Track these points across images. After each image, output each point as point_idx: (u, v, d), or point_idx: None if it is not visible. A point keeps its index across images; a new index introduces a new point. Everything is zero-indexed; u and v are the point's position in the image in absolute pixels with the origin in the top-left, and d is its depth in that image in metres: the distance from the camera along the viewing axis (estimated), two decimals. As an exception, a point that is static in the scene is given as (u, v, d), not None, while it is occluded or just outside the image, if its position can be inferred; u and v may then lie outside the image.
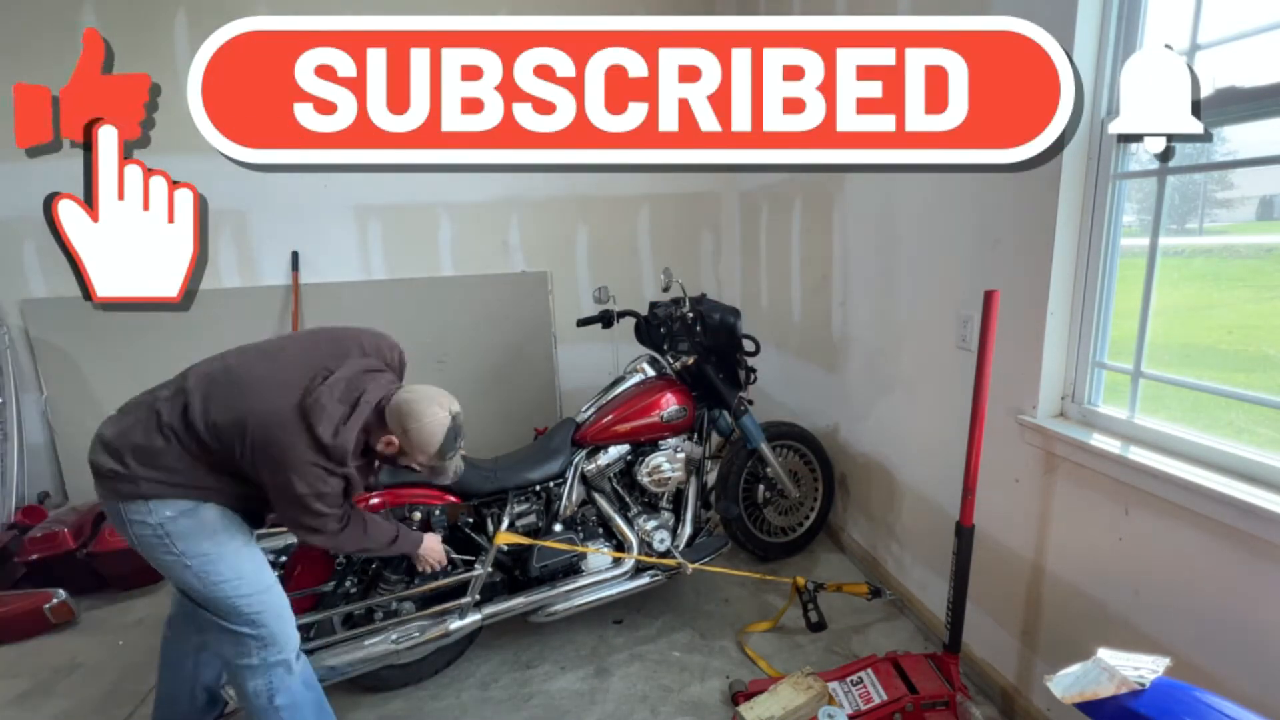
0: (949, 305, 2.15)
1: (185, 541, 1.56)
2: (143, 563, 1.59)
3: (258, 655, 1.67)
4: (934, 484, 2.36)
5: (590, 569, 2.36)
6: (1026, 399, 1.86)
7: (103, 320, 3.45)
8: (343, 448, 1.54)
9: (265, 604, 1.66)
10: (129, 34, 3.21)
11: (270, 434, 1.51)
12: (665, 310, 2.65)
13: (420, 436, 1.62)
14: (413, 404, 1.63)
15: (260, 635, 1.66)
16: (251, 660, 1.67)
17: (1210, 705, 0.99)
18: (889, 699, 1.86)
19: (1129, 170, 1.64)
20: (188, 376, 1.62)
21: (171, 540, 1.56)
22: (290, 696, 1.71)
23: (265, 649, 1.67)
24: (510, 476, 2.27)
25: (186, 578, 1.59)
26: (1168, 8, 1.53)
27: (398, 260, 3.78)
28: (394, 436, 1.63)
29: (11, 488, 3.23)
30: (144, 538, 1.56)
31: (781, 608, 2.55)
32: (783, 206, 3.44)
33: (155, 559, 1.60)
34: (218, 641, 1.70)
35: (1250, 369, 1.54)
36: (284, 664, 1.70)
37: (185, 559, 1.57)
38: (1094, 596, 1.70)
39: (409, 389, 1.68)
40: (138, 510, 1.54)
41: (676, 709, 2.11)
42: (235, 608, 1.62)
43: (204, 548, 1.58)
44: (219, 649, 1.71)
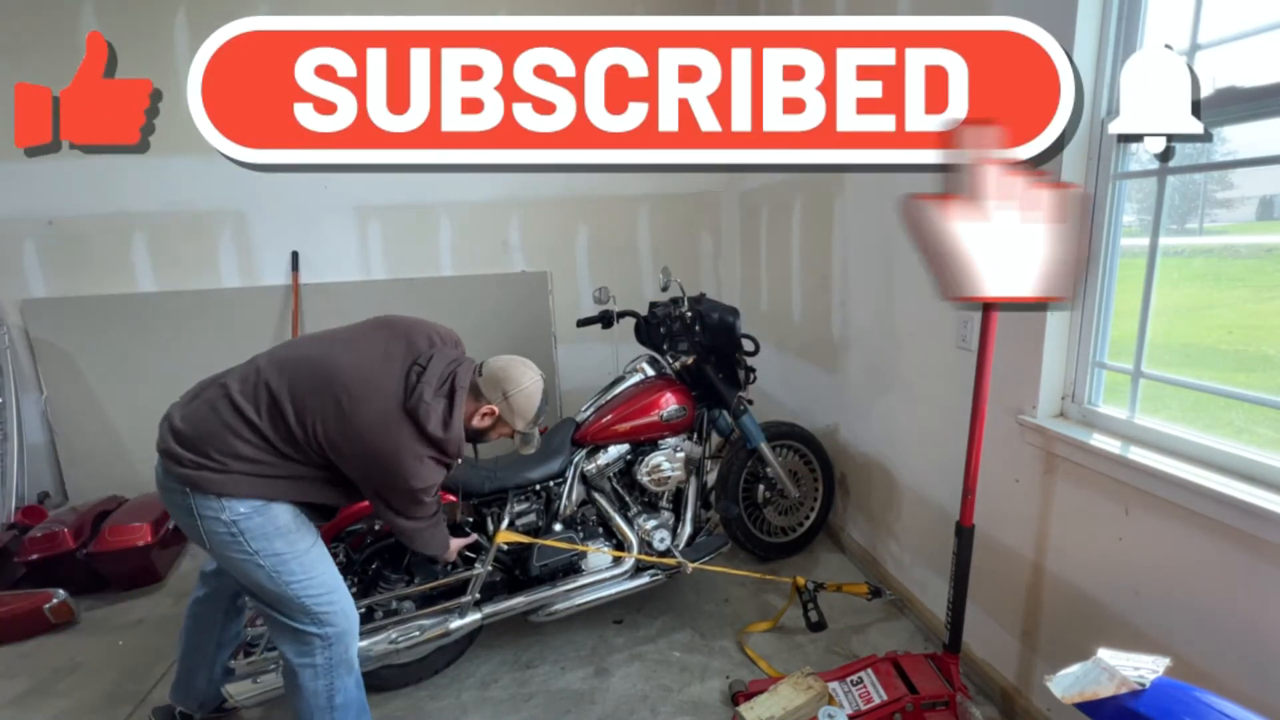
0: (949, 305, 2.15)
1: (259, 540, 1.55)
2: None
3: (322, 654, 1.66)
4: (934, 484, 2.36)
5: (590, 568, 2.36)
6: (1026, 399, 1.86)
7: (103, 320, 3.46)
8: (457, 439, 1.60)
9: (334, 603, 1.66)
10: (129, 34, 3.21)
11: (380, 438, 1.52)
12: (665, 310, 2.65)
13: (519, 400, 1.69)
14: (509, 370, 1.70)
15: (326, 634, 1.65)
16: (315, 659, 1.66)
17: (1210, 705, 0.99)
18: (889, 699, 1.86)
19: (1129, 170, 1.64)
20: (260, 367, 1.59)
21: (245, 538, 1.54)
22: (346, 696, 1.72)
23: (331, 648, 1.66)
24: (510, 476, 2.27)
25: (259, 577, 1.58)
26: (1168, 8, 1.53)
27: (398, 260, 3.78)
28: (494, 405, 1.68)
29: (11, 488, 3.23)
30: (217, 534, 1.54)
31: (781, 608, 2.54)
32: (783, 206, 3.44)
33: (225, 556, 1.58)
34: (279, 639, 1.68)
35: (1250, 369, 1.54)
36: (346, 663, 1.70)
37: (259, 558, 1.56)
38: (1094, 596, 1.70)
39: (498, 358, 1.73)
40: (210, 506, 1.52)
41: (676, 709, 2.11)
42: (305, 607, 1.62)
43: (277, 547, 1.57)
44: (280, 646, 1.69)
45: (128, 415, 3.53)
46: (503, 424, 1.73)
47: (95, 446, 3.54)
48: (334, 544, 2.03)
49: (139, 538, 2.78)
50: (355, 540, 2.09)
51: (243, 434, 1.52)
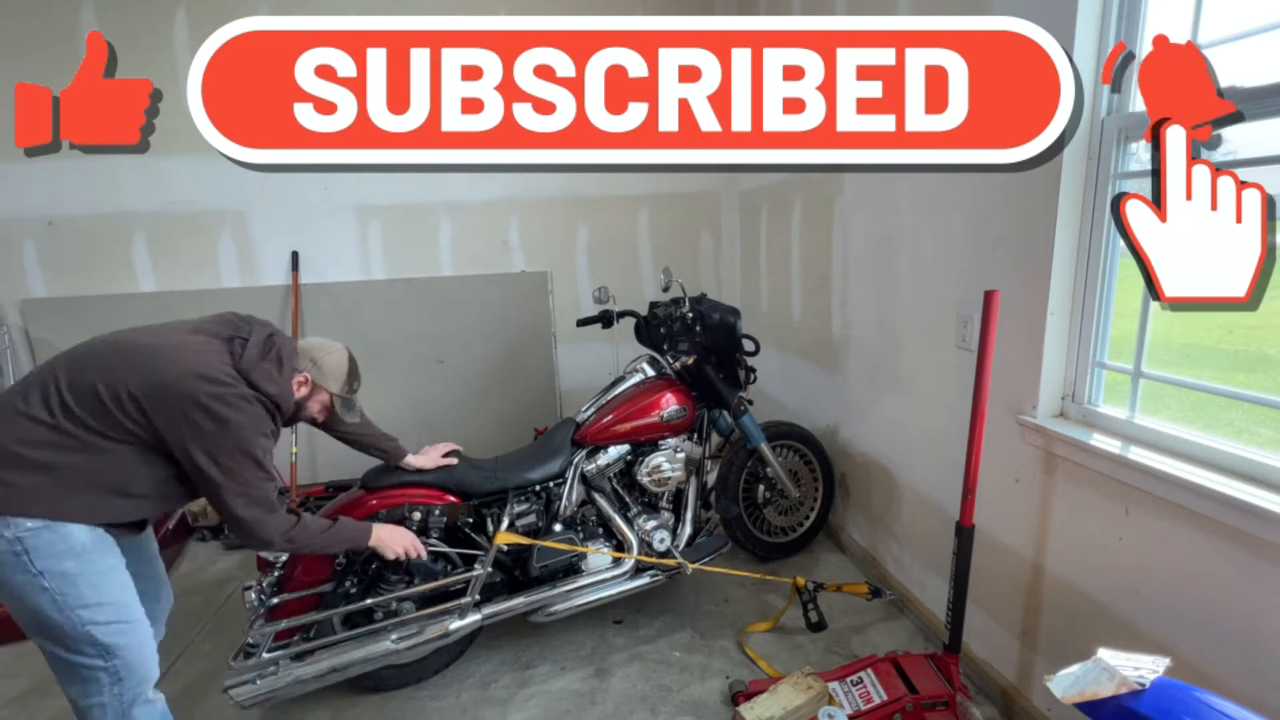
0: (949, 305, 2.15)
1: (46, 559, 1.42)
2: None
3: (110, 691, 1.52)
4: (934, 484, 2.36)
5: (590, 569, 2.36)
6: (1026, 399, 1.86)
7: (103, 320, 3.45)
8: (288, 397, 1.68)
9: (126, 634, 1.52)
10: (129, 33, 3.21)
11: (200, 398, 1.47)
12: (665, 310, 2.65)
13: (329, 363, 1.82)
14: (315, 342, 1.86)
15: (113, 667, 1.51)
16: (103, 697, 1.52)
17: (1210, 705, 0.99)
18: (889, 699, 1.86)
19: (1129, 170, 1.64)
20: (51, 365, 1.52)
21: (30, 557, 1.41)
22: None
23: (121, 683, 1.53)
24: (510, 476, 2.27)
25: (40, 602, 1.43)
26: (1168, 8, 1.53)
27: (398, 260, 3.78)
28: (306, 373, 1.78)
29: (11, 488, 3.22)
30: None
31: (781, 608, 2.55)
32: (783, 206, 3.44)
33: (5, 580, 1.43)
34: (63, 682, 1.53)
35: (1250, 369, 1.54)
36: (139, 697, 1.57)
37: (44, 579, 1.42)
38: (1094, 596, 1.70)
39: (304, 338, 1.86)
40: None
41: (676, 709, 2.11)
42: (91, 636, 1.47)
43: (66, 566, 1.44)
44: (65, 690, 1.54)
45: (128, 415, 3.52)
46: (319, 391, 1.82)
47: (95, 446, 3.53)
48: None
49: (139, 538, 2.77)
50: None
51: (33, 436, 1.42)
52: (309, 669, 1.94)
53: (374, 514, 2.07)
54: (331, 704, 2.17)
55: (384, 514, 2.08)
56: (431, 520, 2.12)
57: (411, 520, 2.09)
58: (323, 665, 1.96)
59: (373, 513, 2.07)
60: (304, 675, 1.94)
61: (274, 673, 1.91)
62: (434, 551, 2.13)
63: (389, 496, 2.11)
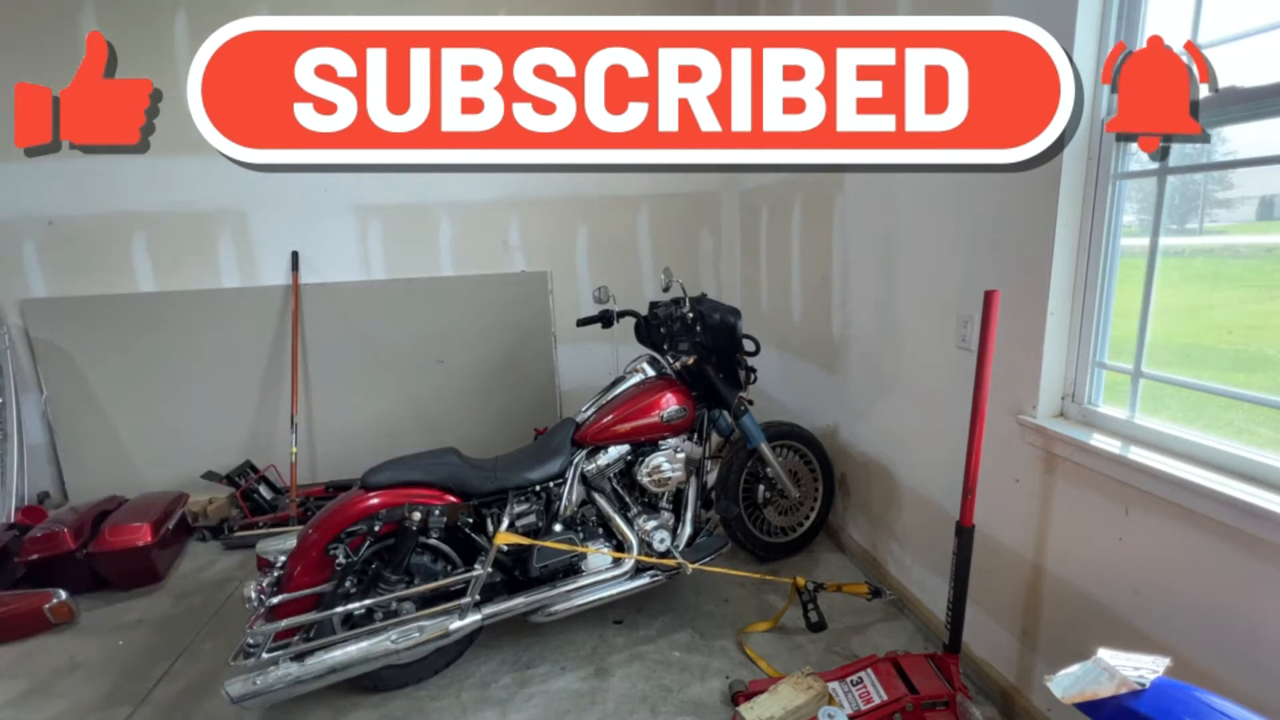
0: (949, 305, 2.15)
1: None
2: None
3: None
4: (934, 484, 2.36)
5: (590, 569, 2.36)
6: (1026, 399, 1.86)
7: (103, 320, 3.46)
8: None
9: None
10: (129, 34, 3.21)
11: None
12: (665, 310, 2.65)
13: None
14: None
15: None
16: None
17: (1210, 705, 0.99)
18: (889, 699, 1.86)
19: (1129, 170, 1.64)
20: None
21: None
22: None
23: None
24: (510, 476, 2.27)
25: None
26: (1168, 7, 1.53)
27: (398, 260, 3.79)
28: None
29: (11, 488, 3.23)
30: None
31: (781, 608, 2.54)
32: (783, 206, 3.44)
33: None
34: None
35: (1250, 369, 1.54)
36: None
37: None
38: (1094, 596, 1.70)
39: None
40: None
41: (676, 709, 2.11)
42: None
43: None
44: None
45: (128, 415, 3.52)
46: None
47: (95, 446, 3.53)
48: (333, 544, 2.03)
49: (139, 538, 2.78)
50: (354, 541, 2.09)
51: None
52: (309, 669, 1.94)
53: (374, 513, 2.07)
54: (331, 704, 2.17)
55: (384, 513, 2.08)
56: (431, 520, 2.12)
57: (411, 520, 2.09)
58: (323, 665, 1.96)
59: (373, 512, 2.07)
60: (304, 675, 1.94)
61: (274, 673, 1.91)
62: (434, 551, 2.13)
63: (390, 495, 2.11)
